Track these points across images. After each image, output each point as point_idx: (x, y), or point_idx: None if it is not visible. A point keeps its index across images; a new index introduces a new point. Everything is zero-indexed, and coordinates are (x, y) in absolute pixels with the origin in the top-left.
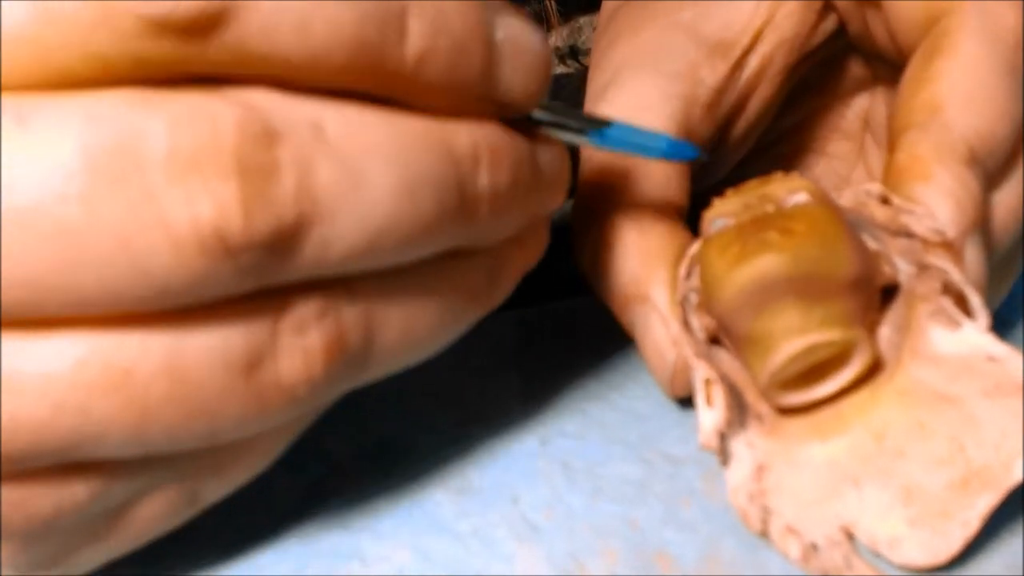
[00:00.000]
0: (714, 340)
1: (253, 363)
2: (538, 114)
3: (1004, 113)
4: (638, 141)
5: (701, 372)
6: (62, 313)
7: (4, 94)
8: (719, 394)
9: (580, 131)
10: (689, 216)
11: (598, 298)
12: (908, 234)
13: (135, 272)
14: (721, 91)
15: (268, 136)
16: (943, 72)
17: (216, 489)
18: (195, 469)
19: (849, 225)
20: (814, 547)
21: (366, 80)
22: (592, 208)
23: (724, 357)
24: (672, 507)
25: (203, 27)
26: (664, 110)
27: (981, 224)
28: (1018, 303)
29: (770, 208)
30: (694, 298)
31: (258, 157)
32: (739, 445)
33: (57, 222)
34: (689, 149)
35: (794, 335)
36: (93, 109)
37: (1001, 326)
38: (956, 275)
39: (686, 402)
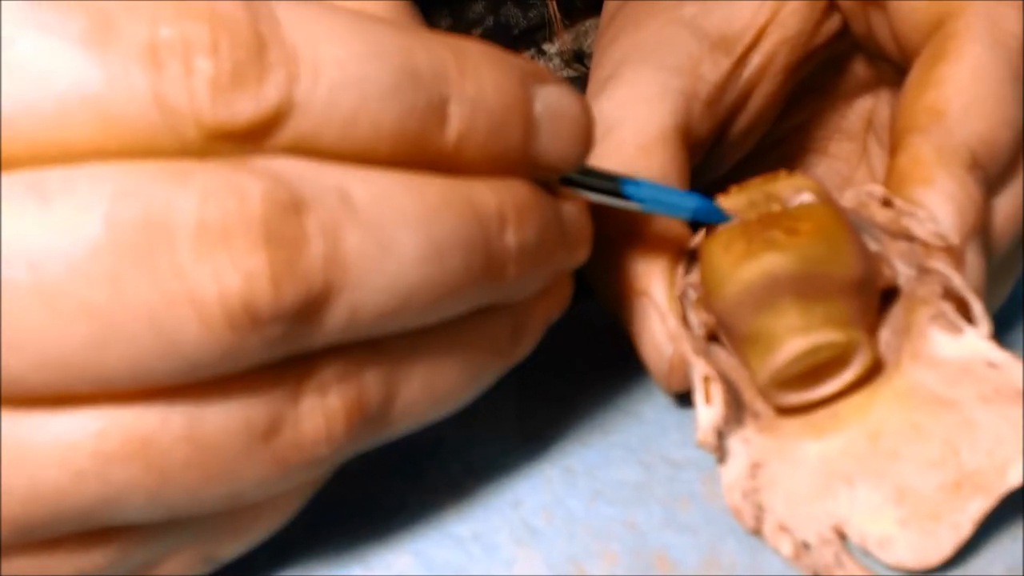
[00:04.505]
0: (711, 337)
1: (275, 428)
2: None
3: (1006, 119)
4: (667, 200)
5: (700, 369)
6: (87, 390)
7: (24, 170)
8: (717, 392)
9: (610, 191)
10: None
11: (598, 300)
12: (909, 237)
13: (162, 349)
14: (722, 87)
15: (295, 206)
16: (947, 77)
17: (232, 548)
18: (213, 531)
19: (853, 226)
20: (805, 545)
21: (406, 159)
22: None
23: (721, 354)
24: (672, 510)
25: (260, 131)
26: (664, 104)
27: (982, 229)
28: (1018, 306)
29: (775, 207)
30: (692, 294)
31: (286, 228)
32: (735, 442)
33: (83, 301)
34: (718, 212)
35: (796, 335)
36: (118, 184)
37: (1000, 329)
38: (958, 280)
39: (687, 404)
